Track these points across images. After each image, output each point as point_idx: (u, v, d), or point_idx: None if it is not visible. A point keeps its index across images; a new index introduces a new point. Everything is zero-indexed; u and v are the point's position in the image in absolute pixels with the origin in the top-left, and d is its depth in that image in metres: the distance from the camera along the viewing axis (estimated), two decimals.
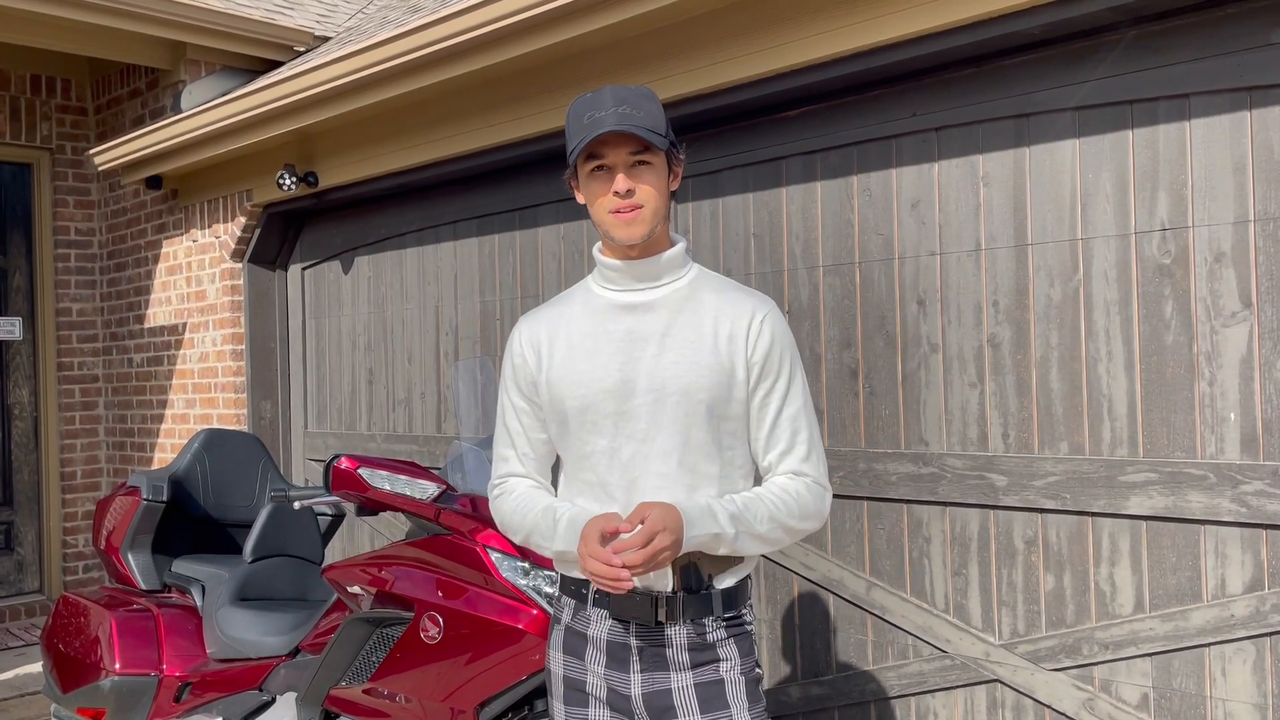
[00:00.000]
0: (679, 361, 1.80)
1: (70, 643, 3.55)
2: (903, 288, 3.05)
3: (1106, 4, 2.50)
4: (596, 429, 1.82)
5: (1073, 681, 2.73)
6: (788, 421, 1.83)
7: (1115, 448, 2.66)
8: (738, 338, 1.82)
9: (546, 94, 3.76)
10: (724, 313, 1.84)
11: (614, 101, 1.73)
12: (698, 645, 1.80)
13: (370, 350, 4.94)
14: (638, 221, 1.77)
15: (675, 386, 1.78)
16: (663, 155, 1.80)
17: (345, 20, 6.16)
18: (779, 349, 1.84)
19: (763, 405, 1.83)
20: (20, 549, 6.18)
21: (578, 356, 1.84)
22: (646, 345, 1.81)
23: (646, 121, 1.74)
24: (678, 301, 1.85)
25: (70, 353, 6.33)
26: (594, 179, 1.79)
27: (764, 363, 1.82)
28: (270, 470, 3.89)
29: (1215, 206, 2.51)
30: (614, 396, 1.80)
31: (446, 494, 2.72)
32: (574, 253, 4.00)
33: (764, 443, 1.85)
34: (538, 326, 1.92)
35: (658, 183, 1.79)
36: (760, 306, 1.85)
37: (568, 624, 1.90)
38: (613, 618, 1.83)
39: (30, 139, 6.17)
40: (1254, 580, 2.46)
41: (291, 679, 3.08)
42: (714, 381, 1.79)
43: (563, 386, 1.84)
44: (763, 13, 3.11)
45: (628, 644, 1.82)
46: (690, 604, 1.79)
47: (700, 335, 1.81)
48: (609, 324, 1.85)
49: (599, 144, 1.75)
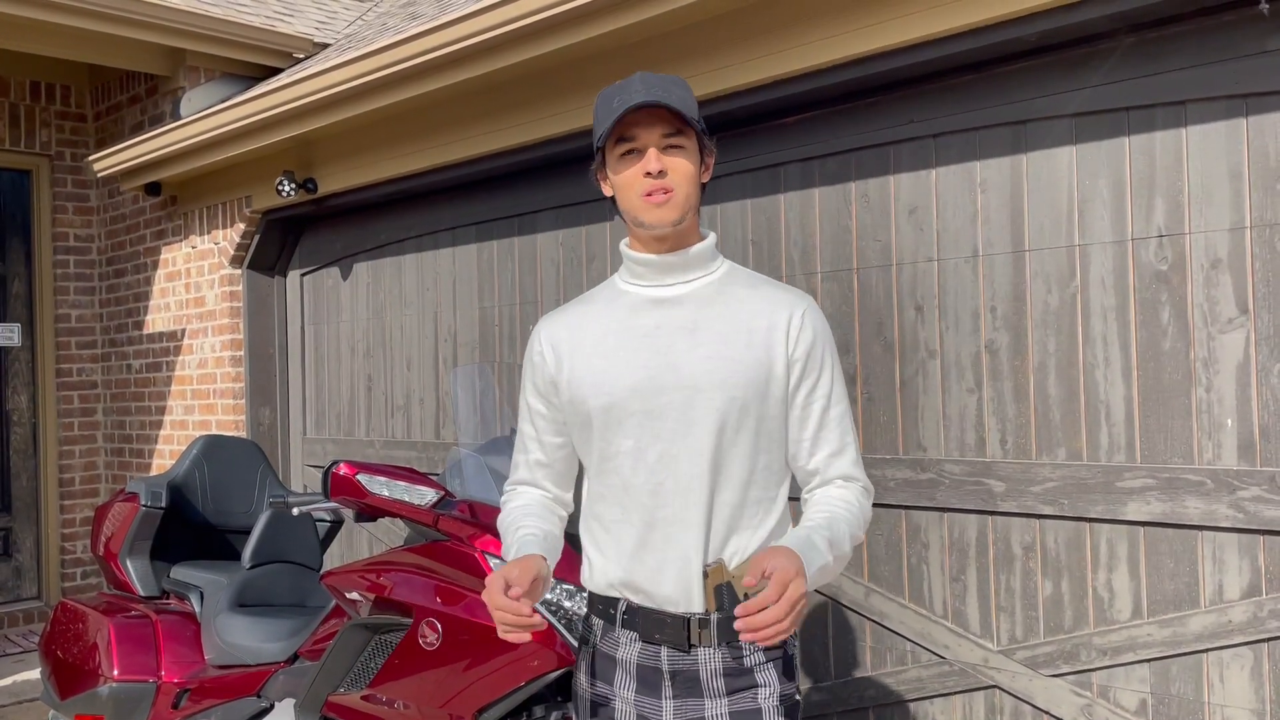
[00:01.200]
0: (712, 356, 1.69)
1: (68, 649, 3.55)
2: (900, 294, 3.05)
3: (1103, 11, 2.51)
4: (621, 429, 1.71)
5: (1071, 687, 2.73)
6: (835, 422, 1.74)
7: (1113, 454, 2.66)
8: (777, 332, 1.71)
9: (545, 100, 3.77)
10: (761, 307, 1.73)
11: (644, 85, 1.65)
12: (734, 670, 1.70)
13: (369, 356, 4.94)
14: (669, 205, 1.67)
15: (708, 382, 1.68)
16: (695, 141, 1.71)
17: (344, 27, 6.18)
18: (821, 345, 1.74)
19: (806, 404, 1.73)
20: (18, 555, 6.17)
21: (600, 353, 1.75)
22: (675, 341, 1.71)
23: (679, 104, 1.65)
24: (709, 296, 1.74)
25: (69, 359, 6.33)
26: (624, 162, 1.69)
27: (806, 359, 1.72)
28: (269, 476, 3.89)
29: (1212, 213, 2.51)
30: (640, 394, 1.70)
31: (445, 500, 2.72)
32: (573, 259, 4.01)
33: (809, 444, 1.73)
34: (558, 325, 1.83)
35: (691, 166, 1.69)
36: (800, 301, 1.75)
37: (596, 645, 1.79)
38: (643, 640, 1.72)
39: (29, 145, 6.18)
40: (1251, 586, 2.46)
41: (290, 685, 3.08)
42: (750, 378, 1.69)
43: (584, 385, 1.75)
44: (760, 20, 3.12)
45: (659, 668, 1.72)
46: (726, 626, 1.68)
47: (735, 329, 1.71)
48: (635, 320, 1.75)
49: (630, 124, 1.67)
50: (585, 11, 3.25)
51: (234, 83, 5.55)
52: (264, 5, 6.09)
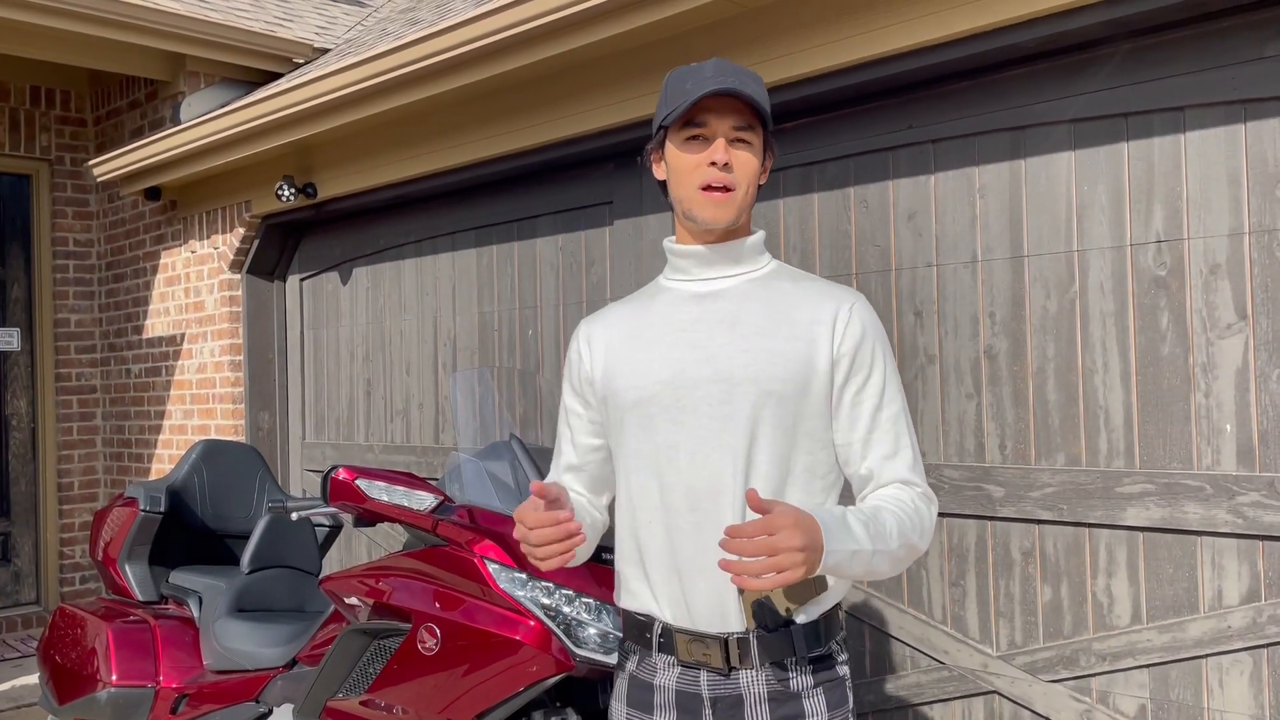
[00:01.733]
0: (750, 349, 1.60)
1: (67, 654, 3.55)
2: (899, 299, 3.05)
3: (1101, 18, 2.52)
4: (653, 424, 1.63)
5: (1070, 693, 2.72)
6: (889, 423, 1.62)
7: (1112, 459, 2.66)
8: (821, 325, 1.62)
9: (545, 105, 3.77)
10: (805, 300, 1.65)
11: (720, 72, 1.58)
12: (779, 695, 1.57)
13: (368, 361, 4.94)
14: (728, 204, 1.60)
15: (744, 375, 1.59)
16: (761, 140, 1.64)
17: (344, 33, 6.18)
18: (871, 341, 1.63)
19: (855, 404, 1.62)
20: (17, 560, 6.17)
21: (636, 347, 1.68)
22: (714, 334, 1.63)
23: (755, 97, 1.59)
24: (750, 290, 1.66)
25: (68, 363, 6.33)
26: (688, 147, 1.60)
27: (854, 355, 1.61)
28: (268, 481, 3.89)
29: (1210, 219, 2.52)
30: (673, 388, 1.62)
31: (444, 505, 2.72)
32: (572, 264, 4.01)
33: (860, 446, 1.62)
34: (596, 323, 1.78)
35: (755, 164, 1.62)
36: (849, 295, 1.66)
37: (632, 672, 1.69)
38: (681, 665, 1.61)
39: (29, 150, 6.18)
40: (1251, 591, 2.46)
41: (288, 690, 3.07)
42: (790, 371, 1.59)
43: (618, 378, 1.68)
44: (758, 27, 3.13)
45: (699, 694, 1.60)
46: (767, 645, 1.57)
47: (775, 322, 1.62)
48: (674, 313, 1.68)
49: (702, 110, 1.58)
50: (585, 17, 3.25)
51: (234, 88, 5.56)
52: (264, 10, 6.10)
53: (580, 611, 2.47)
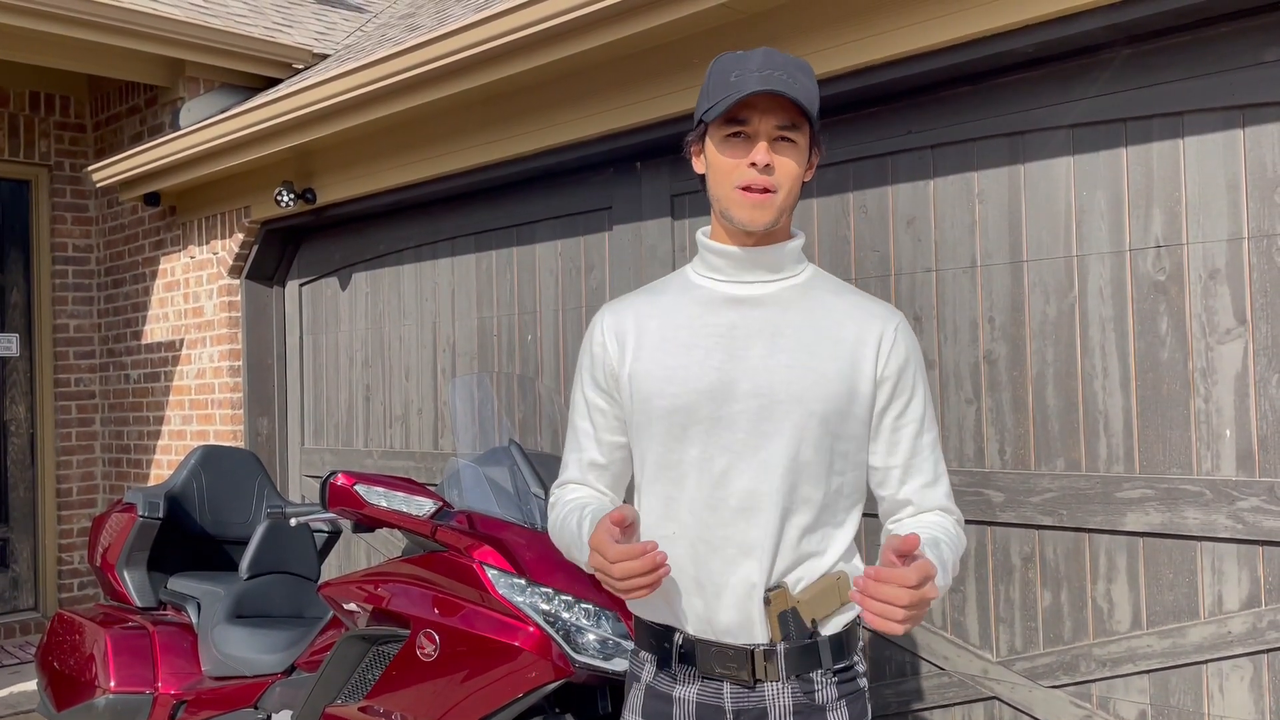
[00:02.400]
0: (793, 365, 1.54)
1: (65, 660, 3.54)
2: (899, 304, 3.05)
3: (1100, 23, 2.52)
4: (686, 435, 1.56)
5: (1070, 699, 2.72)
6: (929, 449, 1.61)
7: (1111, 464, 2.66)
8: (866, 346, 1.57)
9: (545, 111, 3.78)
10: (850, 317, 1.59)
11: (768, 64, 1.50)
12: (805, 708, 1.55)
13: (368, 366, 4.94)
14: (767, 206, 1.54)
15: (787, 393, 1.53)
16: (807, 139, 1.57)
17: (344, 38, 6.19)
18: (914, 366, 1.61)
19: (896, 428, 1.59)
20: (16, 566, 6.16)
21: (670, 351, 1.60)
22: (753, 344, 1.56)
23: (803, 94, 1.50)
24: (792, 299, 1.60)
25: (67, 369, 6.32)
26: (728, 145, 1.54)
27: (898, 379, 1.59)
28: (267, 487, 3.89)
29: (1209, 224, 2.52)
30: (711, 399, 1.55)
31: (443, 511, 2.72)
32: (572, 269, 4.01)
33: (900, 471, 1.60)
34: (624, 314, 1.68)
35: (797, 167, 1.55)
36: (893, 316, 1.62)
37: (649, 683, 1.63)
38: (703, 676, 1.57)
39: (29, 156, 6.19)
40: (1251, 597, 2.46)
41: (287, 697, 3.07)
42: (833, 392, 1.54)
43: (650, 383, 1.60)
44: (758, 33, 3.13)
45: (721, 707, 1.56)
46: (794, 657, 1.54)
47: (820, 338, 1.57)
48: (709, 317, 1.60)
49: (745, 106, 1.51)
50: (584, 22, 3.25)
51: (233, 93, 5.57)
52: (263, 16, 6.10)
53: (579, 617, 2.46)
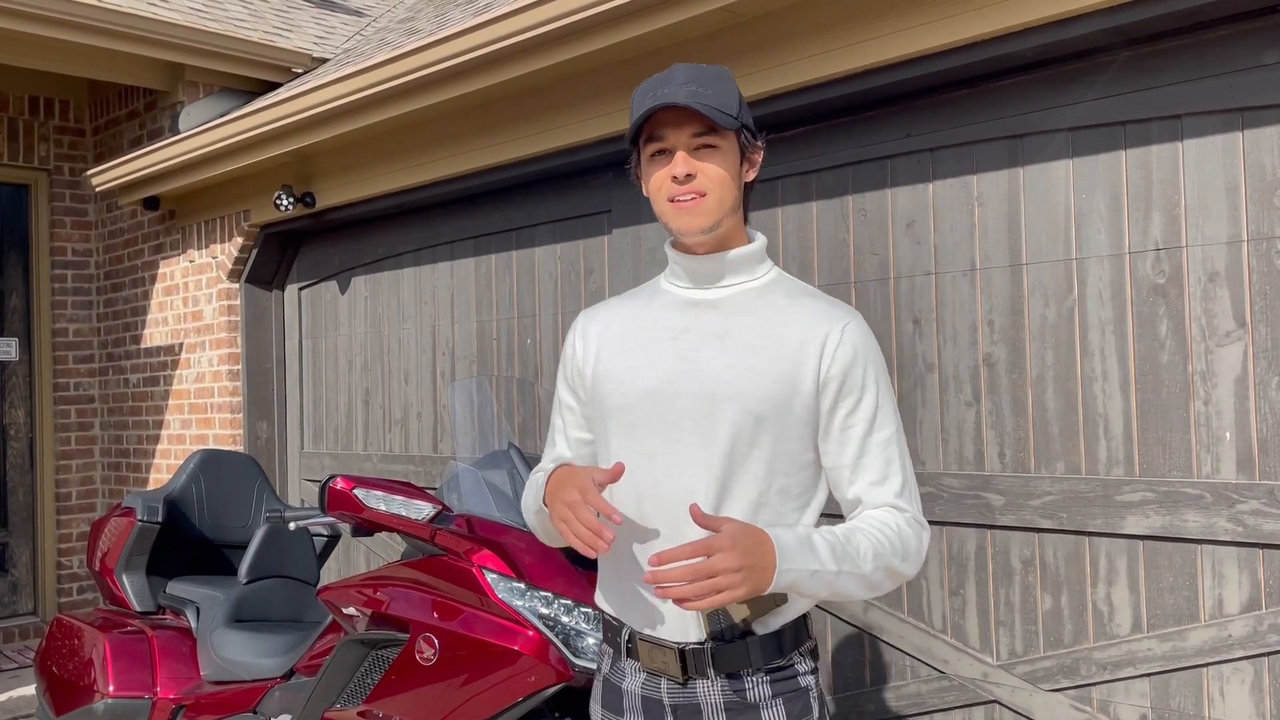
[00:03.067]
0: (734, 366, 1.58)
1: (64, 665, 3.53)
2: (898, 307, 3.05)
3: (1099, 26, 2.52)
4: (634, 433, 1.63)
5: (1071, 702, 2.72)
6: (878, 448, 1.59)
7: (1111, 467, 2.66)
8: (810, 347, 1.59)
9: (543, 115, 3.78)
10: (796, 318, 1.62)
11: (683, 79, 1.55)
12: (736, 705, 1.57)
13: (367, 370, 4.94)
14: (697, 211, 1.57)
15: (726, 393, 1.57)
16: (733, 139, 1.60)
17: (343, 42, 6.20)
18: (863, 364, 1.60)
19: (845, 428, 1.60)
20: (14, 570, 6.15)
21: (627, 351, 1.67)
22: (703, 346, 1.62)
23: (715, 100, 1.54)
24: (744, 303, 1.64)
25: (66, 373, 6.32)
26: (654, 164, 1.60)
27: (844, 378, 1.59)
28: (266, 491, 3.88)
29: (1209, 226, 2.52)
30: (657, 398, 1.61)
31: (442, 515, 2.71)
32: (571, 273, 4.01)
33: (849, 471, 1.60)
34: (593, 318, 1.77)
35: (725, 169, 1.58)
36: (843, 315, 1.62)
37: (605, 675, 1.72)
38: (645, 671, 1.63)
39: (28, 160, 6.19)
40: (1251, 600, 2.46)
41: (286, 701, 3.06)
42: (771, 392, 1.57)
43: (606, 382, 1.67)
44: (758, 35, 3.13)
45: (661, 701, 1.62)
46: (722, 655, 1.57)
47: (763, 340, 1.60)
48: (667, 320, 1.67)
49: (659, 123, 1.57)
50: (583, 26, 3.26)
51: (232, 97, 5.57)
52: (263, 20, 6.11)
53: (579, 621, 2.46)
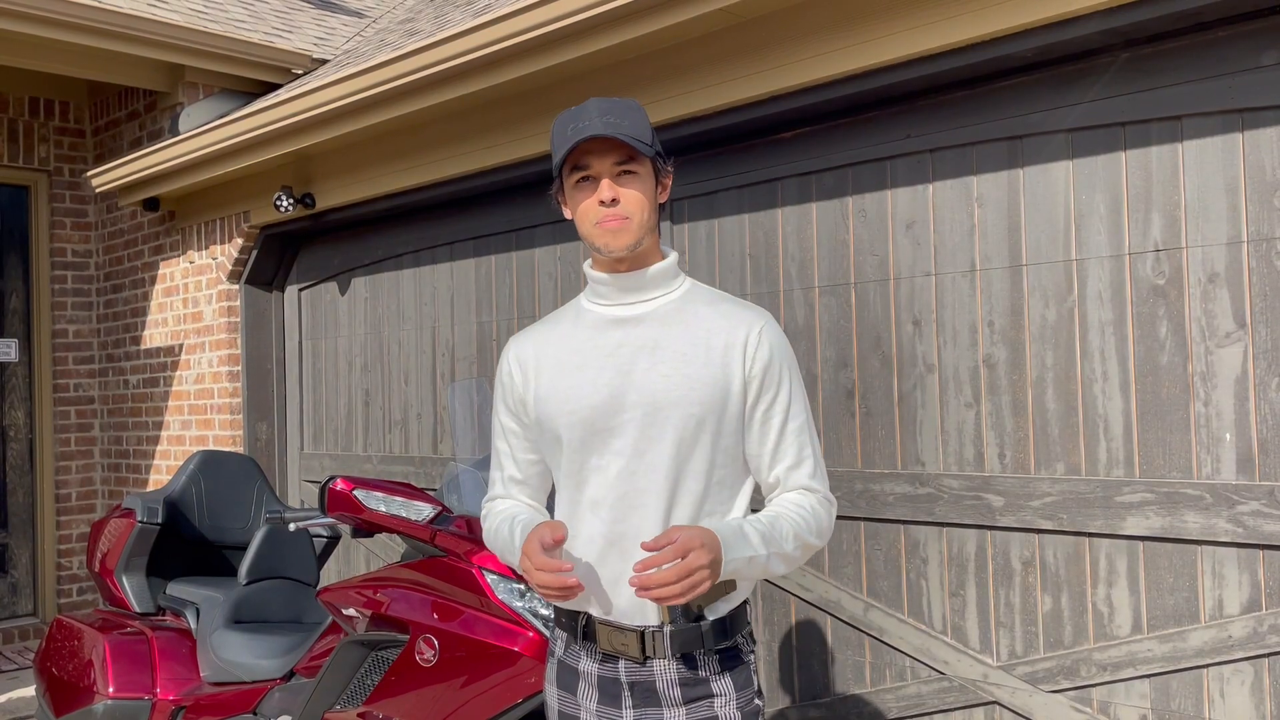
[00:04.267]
0: (670, 375, 1.74)
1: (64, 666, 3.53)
2: (898, 308, 3.05)
3: (1098, 27, 2.52)
4: (585, 446, 1.77)
5: (1071, 703, 2.72)
6: (793, 435, 1.78)
7: (1111, 468, 2.66)
8: (734, 350, 1.76)
9: (543, 116, 3.78)
10: (718, 325, 1.78)
11: (598, 112, 1.69)
12: (689, 680, 1.75)
13: (367, 371, 4.94)
14: (624, 231, 1.72)
15: (667, 400, 1.73)
16: (649, 165, 1.76)
17: (343, 43, 6.20)
18: (779, 362, 1.78)
19: (765, 419, 1.77)
20: (14, 571, 6.15)
21: (565, 372, 1.80)
22: (637, 359, 1.76)
23: (632, 130, 1.69)
24: (668, 314, 1.79)
25: (66, 374, 6.32)
26: (579, 190, 1.74)
27: (764, 376, 1.76)
28: (266, 492, 3.88)
29: (1208, 227, 2.52)
30: (602, 412, 1.75)
31: (442, 516, 2.71)
32: (570, 273, 4.01)
33: (769, 457, 1.78)
34: (525, 344, 1.89)
35: (645, 193, 1.74)
36: (758, 319, 1.79)
37: (560, 657, 1.86)
38: (602, 652, 1.78)
39: (28, 161, 6.19)
40: (1251, 601, 2.46)
41: (286, 702, 3.06)
42: (708, 396, 1.73)
43: (551, 403, 1.80)
44: (758, 36, 3.13)
45: (618, 679, 1.77)
46: (678, 638, 1.73)
47: (694, 348, 1.76)
48: (598, 338, 1.80)
49: (583, 153, 1.72)
50: (583, 28, 3.26)
51: (233, 98, 5.57)
52: (262, 21, 6.11)
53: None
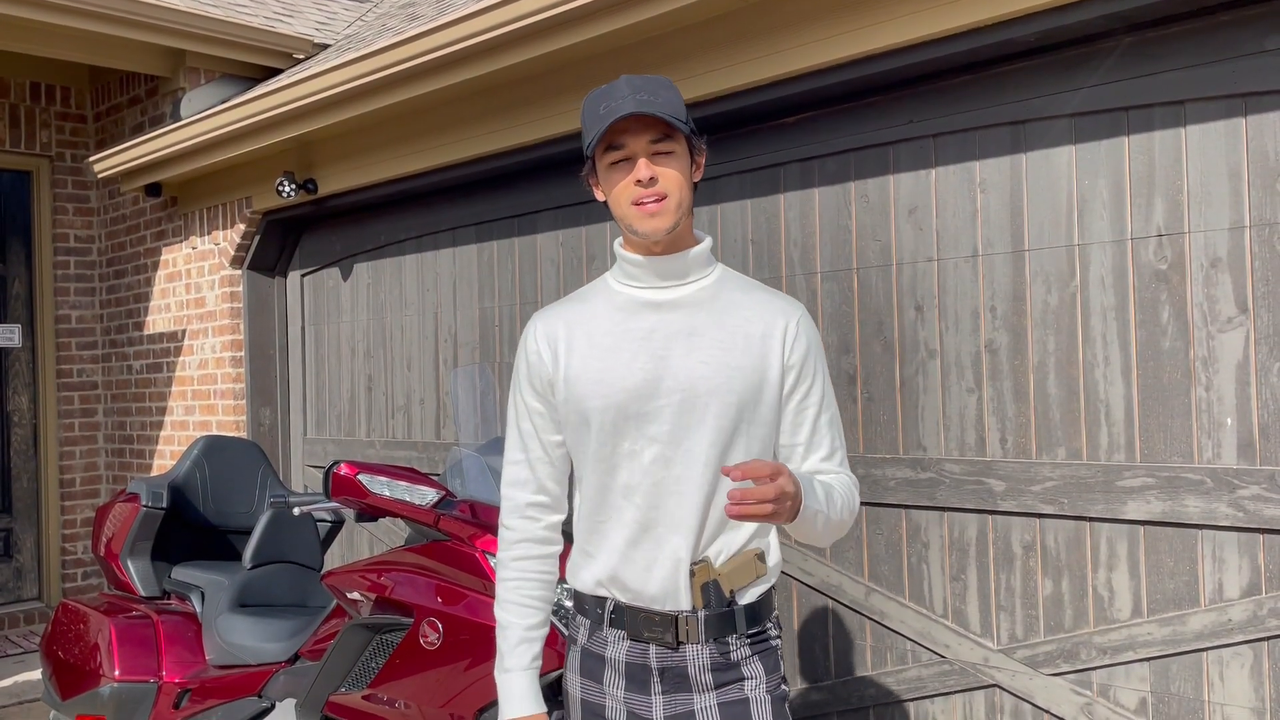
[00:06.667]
0: (708, 361, 1.72)
1: (70, 650, 3.55)
2: (900, 293, 3.05)
3: (1101, 11, 2.52)
4: (618, 431, 1.73)
5: (1071, 686, 2.73)
6: (827, 426, 1.80)
7: (1113, 453, 2.66)
8: (772, 340, 1.75)
9: (546, 100, 3.77)
10: (756, 313, 1.77)
11: (630, 90, 1.65)
12: (721, 665, 1.73)
13: (369, 357, 4.95)
14: (662, 213, 1.68)
15: (705, 387, 1.71)
16: (684, 144, 1.71)
17: (344, 28, 6.18)
18: (814, 353, 1.79)
19: (801, 409, 1.78)
20: (19, 556, 6.18)
21: (598, 354, 1.75)
22: (673, 345, 1.73)
23: (666, 107, 1.65)
24: (704, 300, 1.77)
25: (69, 360, 6.33)
26: (614, 171, 1.70)
27: (801, 366, 1.77)
28: (269, 477, 3.90)
29: (1211, 212, 2.52)
30: (636, 396, 1.72)
31: (446, 500, 2.72)
32: (573, 259, 4.01)
33: (805, 447, 1.79)
34: (554, 322, 1.82)
35: (681, 171, 1.70)
36: (794, 309, 1.80)
37: (584, 645, 1.81)
38: (631, 639, 1.75)
39: (30, 146, 6.18)
40: (1251, 585, 2.47)
41: (291, 685, 3.08)
42: (746, 384, 1.72)
43: (582, 385, 1.75)
44: (760, 20, 3.12)
45: (648, 665, 1.74)
46: (712, 622, 1.72)
47: (732, 335, 1.74)
48: (632, 321, 1.76)
49: (618, 132, 1.67)
50: (584, 12, 3.25)
51: (234, 84, 5.56)
52: (264, 6, 6.09)
53: None
